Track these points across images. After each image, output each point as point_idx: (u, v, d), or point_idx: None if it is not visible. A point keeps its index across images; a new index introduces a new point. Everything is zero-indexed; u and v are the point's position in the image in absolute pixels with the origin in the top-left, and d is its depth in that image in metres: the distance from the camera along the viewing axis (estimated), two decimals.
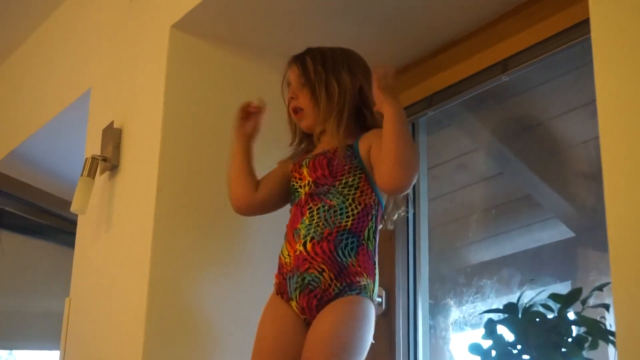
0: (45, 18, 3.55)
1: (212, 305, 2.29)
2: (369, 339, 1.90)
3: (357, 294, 1.91)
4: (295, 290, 1.96)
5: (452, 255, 2.63)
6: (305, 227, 1.98)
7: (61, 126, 3.29)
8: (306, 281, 1.94)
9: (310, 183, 2.03)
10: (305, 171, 2.05)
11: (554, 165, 2.47)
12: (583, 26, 2.03)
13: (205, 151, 2.38)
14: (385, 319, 2.41)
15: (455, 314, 2.48)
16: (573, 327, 1.61)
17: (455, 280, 2.50)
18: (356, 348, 1.85)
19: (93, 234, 2.64)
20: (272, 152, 2.22)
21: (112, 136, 2.57)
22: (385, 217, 2.09)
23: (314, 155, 2.07)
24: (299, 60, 2.15)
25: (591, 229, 2.32)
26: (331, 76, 2.09)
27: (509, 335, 1.67)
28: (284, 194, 2.13)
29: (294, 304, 1.97)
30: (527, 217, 2.50)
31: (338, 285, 1.92)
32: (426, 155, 2.58)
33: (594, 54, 1.43)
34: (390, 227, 2.13)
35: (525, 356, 1.62)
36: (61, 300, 2.74)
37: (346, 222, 1.96)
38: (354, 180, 1.99)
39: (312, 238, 1.96)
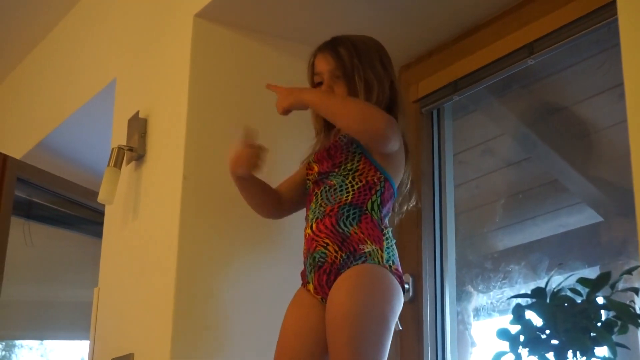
0: (69, 10, 3.56)
1: (239, 293, 2.30)
2: (388, 303, 1.87)
3: (363, 262, 1.92)
4: (310, 272, 1.99)
5: (478, 241, 2.62)
6: (312, 211, 2.03)
7: (87, 117, 3.31)
8: (316, 260, 1.97)
9: (315, 175, 2.07)
10: (315, 166, 2.09)
11: (581, 150, 2.45)
12: (610, 8, 2.00)
13: (229, 139, 2.38)
14: (413, 305, 2.41)
15: (482, 299, 2.47)
16: (602, 311, 1.60)
17: (482, 266, 2.50)
18: (374, 317, 1.83)
19: (120, 223, 2.65)
20: (299, 145, 2.21)
21: (138, 126, 2.58)
22: (396, 209, 2.10)
23: (319, 149, 2.10)
24: (331, 49, 2.10)
25: (619, 213, 2.30)
26: (368, 69, 2.07)
27: (537, 320, 1.66)
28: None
29: (310, 286, 2.00)
30: (554, 202, 2.49)
31: (342, 255, 1.93)
32: (452, 140, 2.57)
33: (621, 36, 1.42)
34: (397, 218, 2.13)
35: (554, 341, 1.61)
36: (90, 290, 2.76)
37: (346, 197, 1.99)
38: (352, 164, 2.02)
39: (317, 218, 2.00)
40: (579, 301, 1.62)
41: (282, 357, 1.96)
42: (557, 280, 1.71)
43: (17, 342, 4.41)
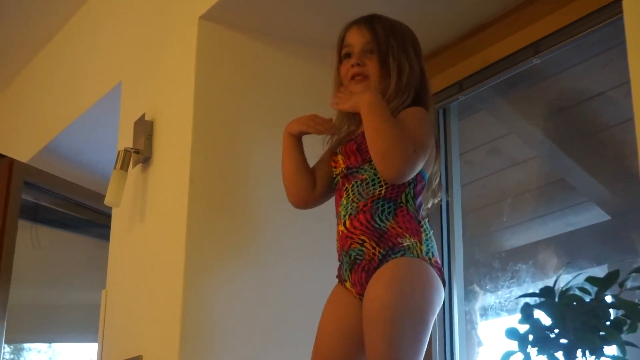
0: (74, 13, 3.57)
1: (247, 294, 2.30)
2: (426, 298, 1.82)
3: (402, 255, 1.86)
4: (346, 270, 1.94)
5: (486, 240, 2.62)
6: (344, 207, 1.96)
7: (93, 120, 3.31)
8: (352, 258, 1.92)
9: (344, 169, 2.01)
10: (340, 159, 2.03)
11: (587, 148, 2.45)
12: (614, 6, 2.00)
13: (236, 141, 2.39)
14: None
15: (490, 299, 2.47)
16: (611, 310, 1.60)
17: (490, 266, 2.49)
18: (411, 312, 1.79)
19: (127, 226, 2.66)
20: (306, 146, 2.21)
21: (144, 128, 2.58)
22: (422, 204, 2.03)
23: (346, 141, 2.03)
24: (368, 24, 2.04)
25: (627, 212, 2.30)
26: (402, 52, 2.02)
27: (546, 320, 1.66)
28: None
29: (348, 284, 1.95)
30: (562, 201, 2.48)
31: (381, 251, 1.88)
32: (458, 140, 2.57)
33: (626, 34, 1.41)
34: (424, 214, 2.04)
35: (562, 340, 1.61)
36: (98, 293, 2.76)
37: (379, 190, 1.93)
38: None
39: (350, 215, 1.94)
40: (588, 300, 1.62)
41: (319, 357, 1.93)
42: (566, 279, 1.71)
43: (26, 345, 4.42)
